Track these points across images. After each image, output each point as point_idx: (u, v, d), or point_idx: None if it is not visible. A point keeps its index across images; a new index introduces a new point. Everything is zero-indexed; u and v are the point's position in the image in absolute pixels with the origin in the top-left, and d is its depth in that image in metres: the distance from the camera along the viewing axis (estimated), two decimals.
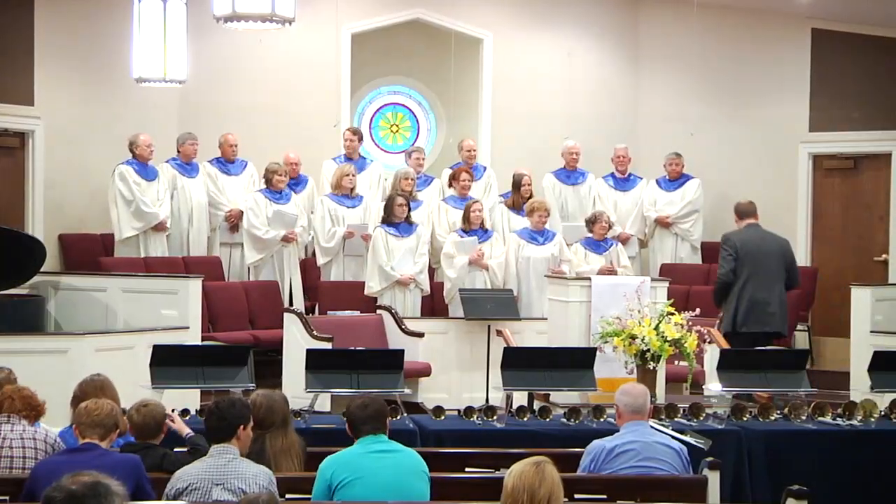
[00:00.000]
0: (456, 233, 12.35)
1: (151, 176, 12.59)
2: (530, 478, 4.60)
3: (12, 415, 6.27)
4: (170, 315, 10.54)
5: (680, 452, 6.42)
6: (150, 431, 6.13)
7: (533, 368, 8.60)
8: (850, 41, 13.95)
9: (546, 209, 12.43)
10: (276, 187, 12.63)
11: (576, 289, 10.02)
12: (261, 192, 12.71)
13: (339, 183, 12.71)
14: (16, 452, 6.14)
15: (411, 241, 12.16)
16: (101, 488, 3.87)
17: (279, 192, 12.66)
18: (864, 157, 14.04)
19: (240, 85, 14.00)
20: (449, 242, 12.31)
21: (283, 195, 12.70)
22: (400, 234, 12.15)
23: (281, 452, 6.13)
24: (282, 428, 6.23)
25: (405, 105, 15.49)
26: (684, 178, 14.00)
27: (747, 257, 10.24)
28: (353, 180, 12.75)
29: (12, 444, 6.16)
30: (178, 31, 12.06)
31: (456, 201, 13.04)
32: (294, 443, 6.26)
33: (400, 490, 5.74)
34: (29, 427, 6.25)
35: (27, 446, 6.15)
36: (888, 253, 13.72)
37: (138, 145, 12.49)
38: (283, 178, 12.64)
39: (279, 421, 6.23)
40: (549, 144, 14.81)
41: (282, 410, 6.28)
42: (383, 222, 12.20)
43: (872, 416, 8.19)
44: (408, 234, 12.18)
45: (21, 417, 6.28)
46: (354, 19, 14.41)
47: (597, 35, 15.16)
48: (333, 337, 10.47)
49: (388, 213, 12.19)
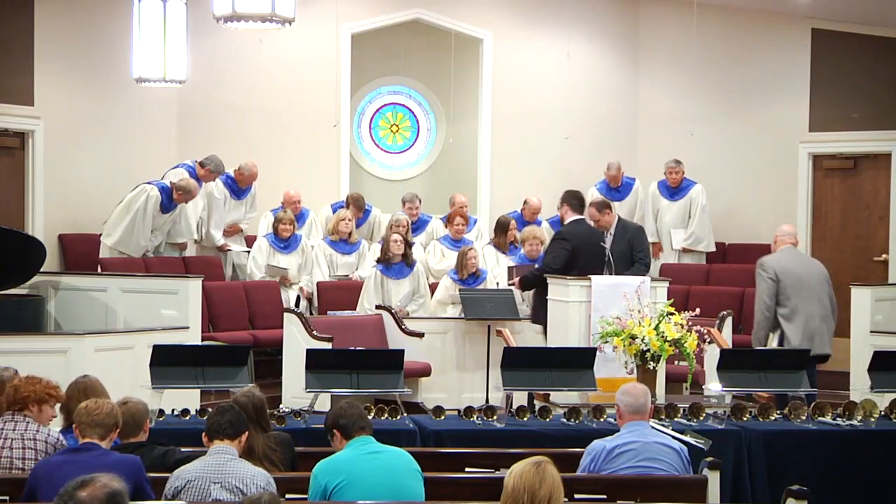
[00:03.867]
0: (448, 276, 12.33)
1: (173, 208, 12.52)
2: (531, 478, 4.60)
3: (16, 413, 6.26)
4: (170, 315, 10.54)
5: (680, 452, 6.42)
6: (131, 429, 6.12)
7: (533, 368, 8.60)
8: (849, 41, 13.95)
9: (537, 237, 12.44)
10: (282, 236, 12.71)
11: (576, 289, 10.02)
12: (266, 237, 12.80)
13: (336, 228, 12.86)
14: (16, 453, 6.13)
15: (410, 282, 12.17)
16: (117, 498, 3.89)
17: (284, 240, 12.72)
18: (863, 157, 14.04)
19: (239, 85, 14.00)
20: (442, 288, 12.30)
21: (287, 243, 12.73)
22: (394, 275, 12.13)
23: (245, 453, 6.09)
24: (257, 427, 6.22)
25: (405, 105, 15.49)
26: (686, 184, 13.96)
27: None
28: (349, 225, 12.88)
29: (13, 445, 6.15)
30: (177, 31, 12.06)
31: (450, 242, 13.16)
32: (263, 445, 6.22)
33: (395, 490, 5.73)
34: (31, 426, 6.23)
35: (27, 446, 6.14)
36: (888, 253, 13.72)
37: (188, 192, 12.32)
38: (287, 227, 12.68)
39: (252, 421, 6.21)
40: (549, 144, 14.84)
41: (258, 410, 6.29)
42: (378, 262, 12.20)
43: (872, 416, 8.19)
44: (404, 276, 12.16)
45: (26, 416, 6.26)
46: (354, 19, 14.41)
47: (596, 35, 15.16)
48: (333, 337, 10.47)
49: (383, 252, 12.19)
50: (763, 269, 9.85)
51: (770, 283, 9.77)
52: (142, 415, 6.22)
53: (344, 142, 14.42)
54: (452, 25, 14.75)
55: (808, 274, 9.89)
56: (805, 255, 10.32)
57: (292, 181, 13.77)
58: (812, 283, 9.84)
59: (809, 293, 9.79)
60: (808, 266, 10.08)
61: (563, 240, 10.46)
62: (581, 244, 10.37)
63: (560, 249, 10.37)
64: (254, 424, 6.15)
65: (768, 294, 9.75)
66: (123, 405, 6.14)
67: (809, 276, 9.87)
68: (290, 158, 14.05)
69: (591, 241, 10.50)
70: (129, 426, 6.11)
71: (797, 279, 9.80)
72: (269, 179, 13.73)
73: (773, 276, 9.77)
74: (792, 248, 10.08)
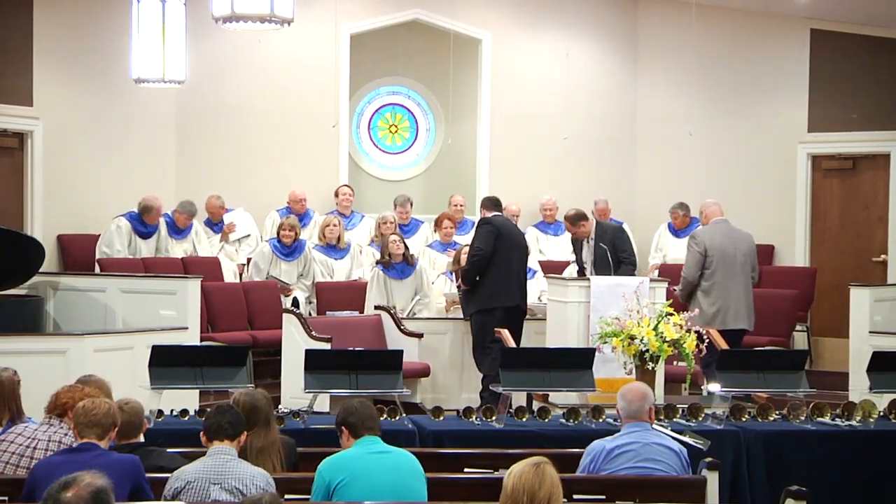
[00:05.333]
0: (445, 275, 12.37)
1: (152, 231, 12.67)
2: (530, 478, 4.61)
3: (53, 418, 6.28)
4: (168, 315, 10.53)
5: (679, 453, 6.42)
6: (131, 430, 6.12)
7: (532, 369, 8.60)
8: (848, 41, 13.95)
9: None
10: (284, 242, 12.73)
11: (575, 289, 10.02)
12: (269, 242, 12.85)
13: (322, 234, 12.98)
14: (38, 454, 6.13)
15: (412, 282, 12.22)
16: (102, 495, 3.88)
17: (288, 246, 12.72)
18: (862, 157, 14.04)
19: (238, 85, 14.00)
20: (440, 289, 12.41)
21: (291, 250, 12.74)
22: (397, 275, 12.15)
23: (260, 452, 6.11)
24: (264, 427, 6.22)
25: (404, 105, 15.49)
26: (694, 223, 13.45)
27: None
28: (334, 230, 12.94)
29: (37, 446, 6.16)
30: (177, 31, 12.06)
31: (440, 246, 13.20)
32: (275, 442, 6.25)
33: (399, 490, 5.74)
34: (60, 431, 6.23)
35: (50, 448, 6.14)
36: (887, 253, 13.71)
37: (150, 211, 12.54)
38: (289, 232, 12.68)
39: (262, 420, 6.22)
40: (548, 144, 14.85)
41: (264, 410, 6.28)
42: (379, 263, 12.27)
43: (871, 416, 8.19)
44: (406, 276, 12.19)
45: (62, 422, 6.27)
46: (353, 20, 14.41)
47: (595, 35, 15.16)
48: (332, 337, 10.47)
49: (382, 254, 12.29)
50: (695, 243, 10.51)
51: (699, 255, 10.42)
52: (140, 416, 6.23)
53: (343, 142, 14.42)
54: (451, 26, 14.74)
55: (735, 249, 10.50)
56: (735, 227, 10.79)
57: (291, 181, 13.79)
58: (737, 258, 10.46)
59: (732, 269, 10.41)
60: (736, 240, 10.61)
61: (488, 224, 10.96)
62: (504, 230, 10.88)
63: (486, 233, 10.87)
64: (263, 422, 6.16)
65: (695, 266, 10.42)
66: (125, 405, 6.15)
67: (736, 251, 10.49)
68: (289, 159, 14.05)
69: (513, 231, 11.08)
70: (130, 427, 6.12)
71: (723, 255, 10.42)
72: (269, 180, 13.74)
73: (703, 251, 10.42)
74: (722, 220, 10.70)
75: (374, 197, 14.68)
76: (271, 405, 6.45)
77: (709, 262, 10.42)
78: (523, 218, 14.22)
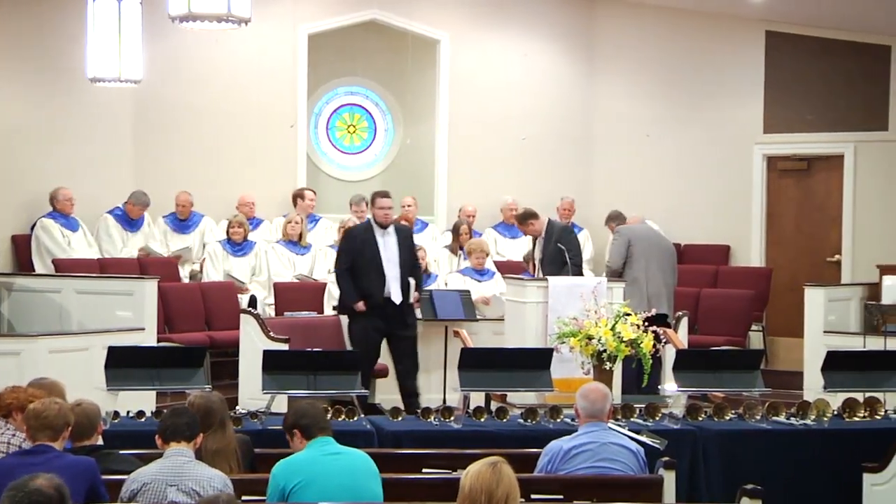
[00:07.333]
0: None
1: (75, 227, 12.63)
2: (487, 478, 4.62)
3: None
4: (125, 316, 10.46)
5: (636, 453, 6.45)
6: (86, 431, 6.07)
7: (490, 369, 8.61)
8: (803, 43, 14.06)
9: (483, 250, 12.79)
10: (233, 239, 12.87)
11: (532, 289, 10.04)
12: (220, 242, 12.91)
13: (285, 230, 13.14)
14: None
15: None
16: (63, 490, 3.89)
17: (237, 244, 12.85)
18: (817, 158, 14.15)
19: (196, 85, 13.91)
20: None
21: (241, 247, 12.84)
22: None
23: (216, 454, 6.08)
24: (219, 429, 6.20)
25: (362, 106, 15.45)
26: None
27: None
28: (296, 227, 13.06)
29: None
30: (132, 30, 11.96)
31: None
32: (230, 444, 6.23)
33: (355, 492, 5.73)
34: (8, 432, 6.17)
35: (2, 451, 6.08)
36: (841, 254, 13.84)
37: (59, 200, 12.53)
38: (237, 230, 12.84)
39: (217, 422, 6.20)
40: (506, 145, 14.87)
41: (219, 412, 6.26)
42: None
43: (825, 415, 8.26)
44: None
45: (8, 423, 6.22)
46: (311, 20, 14.37)
47: (553, 36, 15.20)
48: (290, 338, 10.43)
49: None
50: (619, 234, 11.26)
51: (623, 244, 11.04)
52: (95, 417, 6.17)
53: (301, 142, 14.36)
54: (409, 26, 14.73)
55: (658, 245, 11.20)
56: (658, 230, 11.68)
57: (249, 182, 13.73)
58: (660, 251, 11.11)
59: (653, 259, 10.97)
60: (659, 238, 11.41)
61: (344, 239, 11.14)
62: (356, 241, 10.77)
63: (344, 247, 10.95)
64: (219, 424, 6.14)
65: (619, 253, 11.01)
66: (77, 406, 6.09)
67: (660, 247, 11.19)
68: (247, 159, 13.97)
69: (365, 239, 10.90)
70: (84, 428, 6.05)
71: (647, 245, 11.03)
72: (226, 180, 13.67)
73: (626, 242, 11.02)
74: (646, 223, 11.70)
75: (333, 197, 14.64)
76: (226, 407, 6.42)
77: (632, 250, 10.93)
78: (481, 219, 14.25)
